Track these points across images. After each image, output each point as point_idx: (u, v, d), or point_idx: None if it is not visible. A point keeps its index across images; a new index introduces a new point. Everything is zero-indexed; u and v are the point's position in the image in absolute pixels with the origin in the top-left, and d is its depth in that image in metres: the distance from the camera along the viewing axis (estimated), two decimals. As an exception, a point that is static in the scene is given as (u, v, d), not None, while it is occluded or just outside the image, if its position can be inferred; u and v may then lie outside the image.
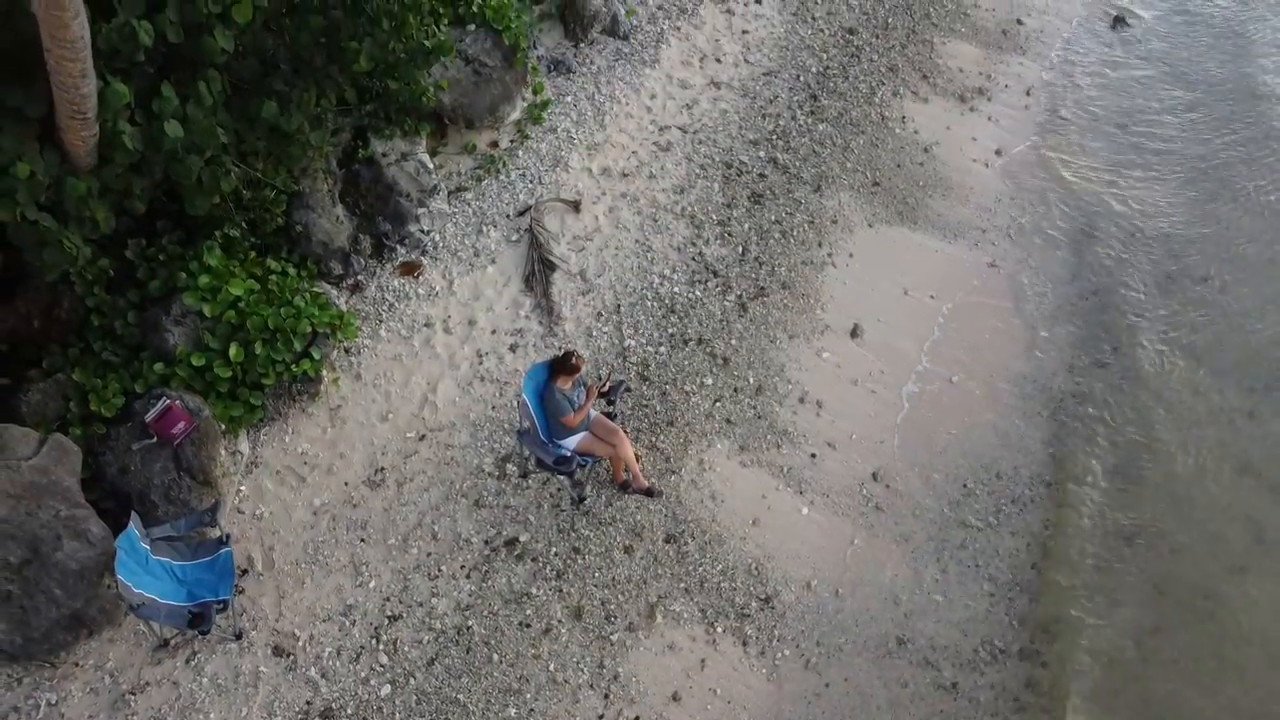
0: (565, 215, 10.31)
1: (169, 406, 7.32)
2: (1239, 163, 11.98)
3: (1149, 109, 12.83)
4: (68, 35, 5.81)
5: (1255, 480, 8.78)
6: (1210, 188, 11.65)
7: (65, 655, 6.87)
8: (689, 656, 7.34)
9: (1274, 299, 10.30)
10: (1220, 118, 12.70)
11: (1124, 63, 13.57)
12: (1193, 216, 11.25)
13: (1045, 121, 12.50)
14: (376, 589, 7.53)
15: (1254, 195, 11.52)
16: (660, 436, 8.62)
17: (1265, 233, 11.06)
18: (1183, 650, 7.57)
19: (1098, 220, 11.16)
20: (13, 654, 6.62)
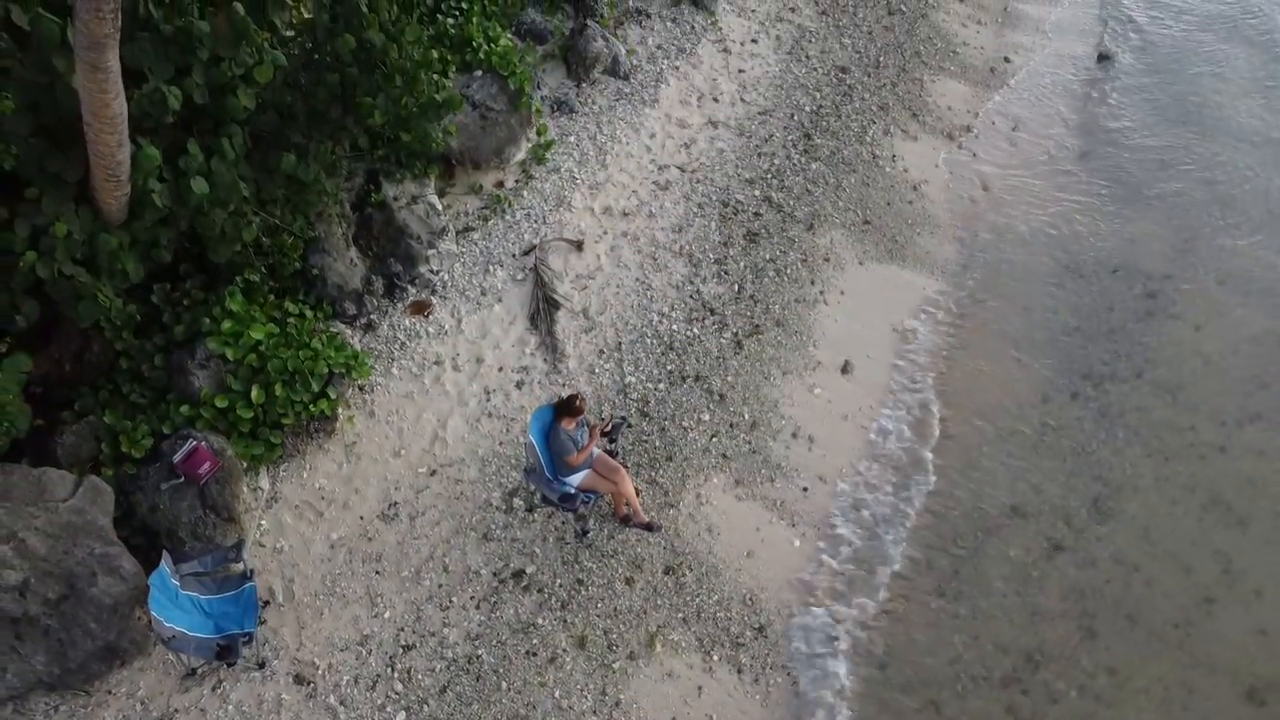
0: (569, 254, 10.76)
1: (195, 448, 7.76)
2: (1214, 203, 12.44)
3: (1133, 146, 13.27)
4: (108, 113, 6.27)
5: (1225, 512, 9.23)
6: (1188, 225, 12.10)
7: (99, 684, 7.28)
8: (687, 684, 7.78)
9: (1247, 337, 10.76)
10: (1200, 156, 13.16)
11: (1109, 100, 14.02)
12: (1171, 254, 11.70)
13: (1031, 158, 12.95)
14: (391, 619, 7.96)
15: (1228, 234, 11.98)
16: (659, 471, 9.07)
17: (1238, 271, 11.51)
18: (1153, 680, 8.02)
19: (1080, 256, 11.61)
20: (51, 684, 7.04)
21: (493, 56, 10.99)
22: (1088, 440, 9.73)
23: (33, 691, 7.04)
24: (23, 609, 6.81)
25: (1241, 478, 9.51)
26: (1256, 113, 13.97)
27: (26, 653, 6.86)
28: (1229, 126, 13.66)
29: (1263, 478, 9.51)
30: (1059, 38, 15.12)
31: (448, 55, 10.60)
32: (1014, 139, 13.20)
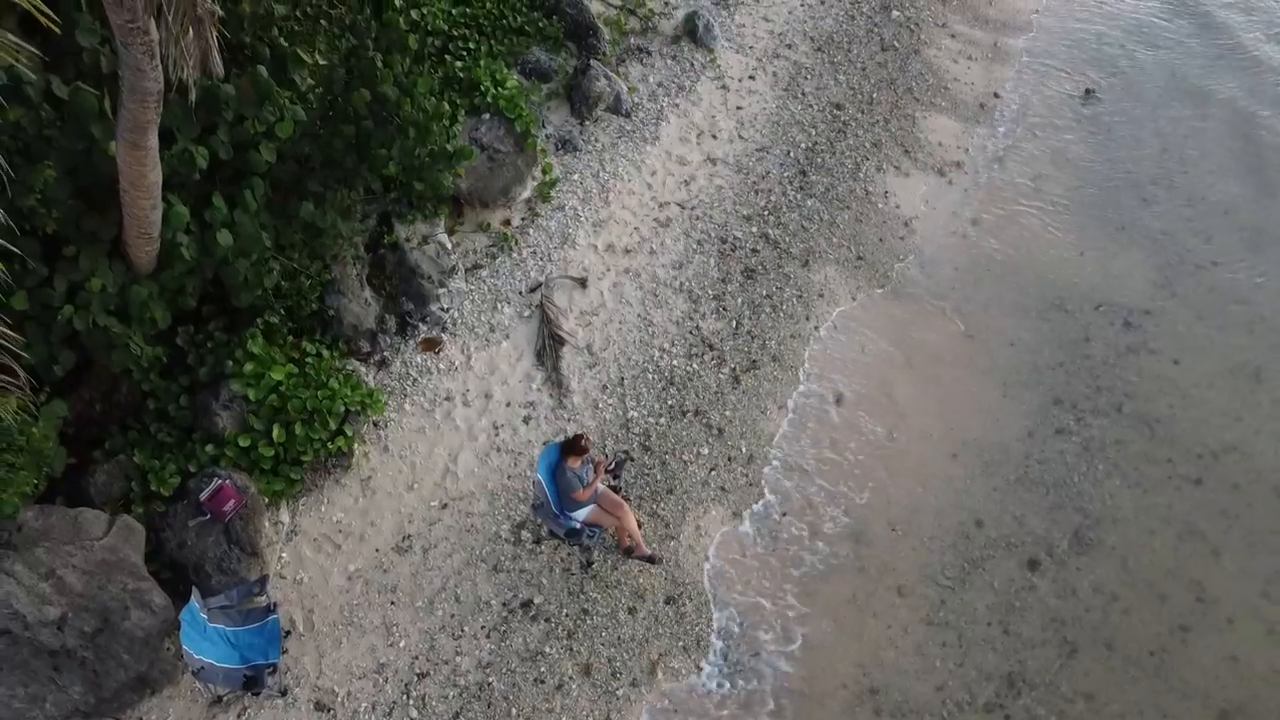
0: (573, 291, 11.17)
1: (221, 486, 8.18)
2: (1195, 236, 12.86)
3: (1116, 181, 13.69)
4: (145, 183, 6.70)
5: (1200, 543, 9.65)
6: (1169, 259, 12.52)
7: (131, 712, 7.69)
8: (687, 708, 8.20)
9: (1223, 370, 11.17)
10: (1182, 190, 13.57)
11: (1094, 135, 14.44)
12: (1151, 289, 12.11)
13: (1019, 194, 13.34)
14: (406, 648, 8.37)
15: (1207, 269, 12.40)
16: (660, 504, 9.48)
17: (1215, 306, 11.93)
18: (1129, 705, 8.44)
19: (1065, 291, 12.01)
20: (86, 712, 7.43)
21: (500, 100, 11.41)
22: (1069, 473, 10.14)
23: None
24: (61, 642, 7.23)
25: (1216, 509, 9.93)
26: (1239, 146, 14.38)
27: (64, 683, 7.27)
28: (1211, 161, 14.08)
29: (1236, 509, 9.93)
30: (1047, 74, 15.51)
31: (457, 100, 11.03)
32: (1002, 174, 13.59)
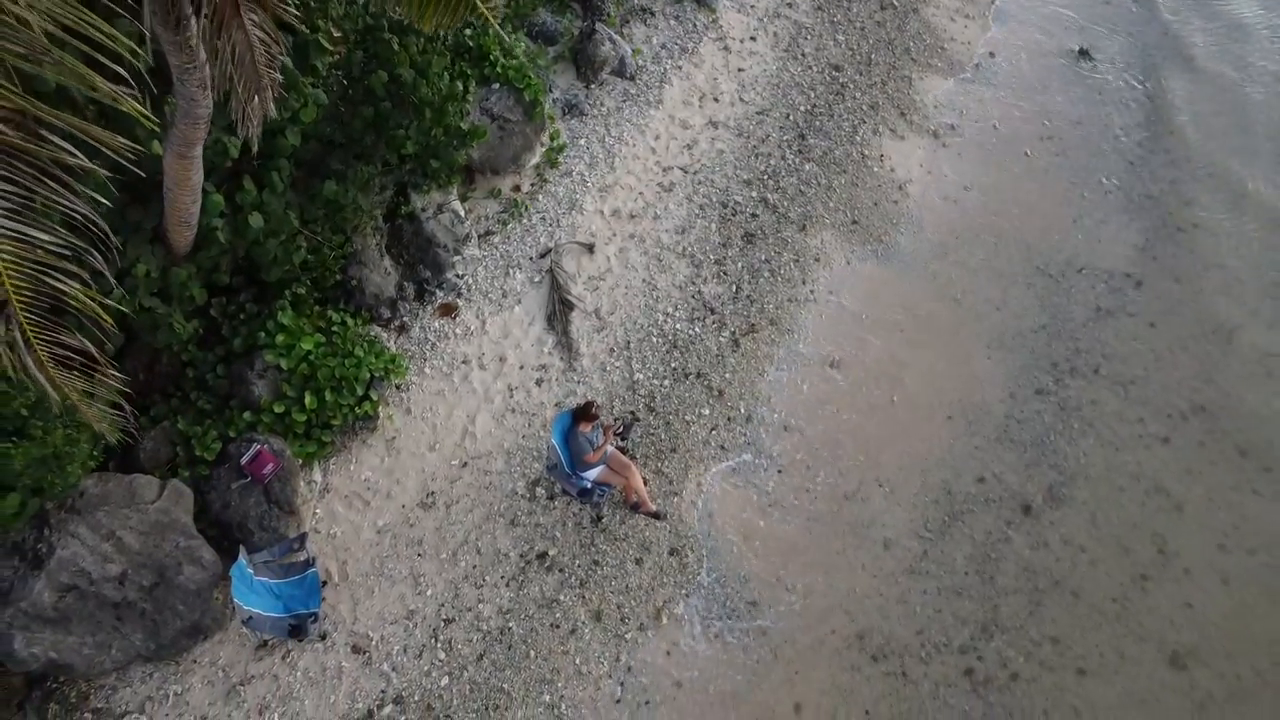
0: (581, 257, 11.64)
1: (259, 451, 8.79)
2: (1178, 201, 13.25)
3: (1106, 145, 14.02)
4: (189, 184, 7.14)
5: (1164, 499, 10.31)
6: (1152, 223, 12.94)
7: (186, 656, 8.43)
8: (688, 652, 8.95)
9: (1196, 334, 11.70)
10: (1169, 153, 13.92)
11: (1086, 97, 14.70)
12: (1133, 253, 12.57)
13: (1010, 157, 13.69)
14: (433, 596, 9.09)
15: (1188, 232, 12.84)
16: (665, 462, 10.12)
17: (1193, 269, 12.41)
18: (1090, 648, 9.20)
19: (1050, 255, 12.48)
20: (147, 656, 8.17)
21: (509, 70, 11.69)
22: (1046, 432, 10.76)
23: (132, 663, 8.18)
24: (122, 595, 7.92)
25: (1181, 467, 10.57)
26: (1228, 109, 14.66)
27: (126, 632, 7.98)
28: (1199, 124, 14.38)
29: (1200, 467, 10.58)
30: (1042, 33, 15.68)
31: (468, 71, 11.31)
32: (995, 136, 13.91)
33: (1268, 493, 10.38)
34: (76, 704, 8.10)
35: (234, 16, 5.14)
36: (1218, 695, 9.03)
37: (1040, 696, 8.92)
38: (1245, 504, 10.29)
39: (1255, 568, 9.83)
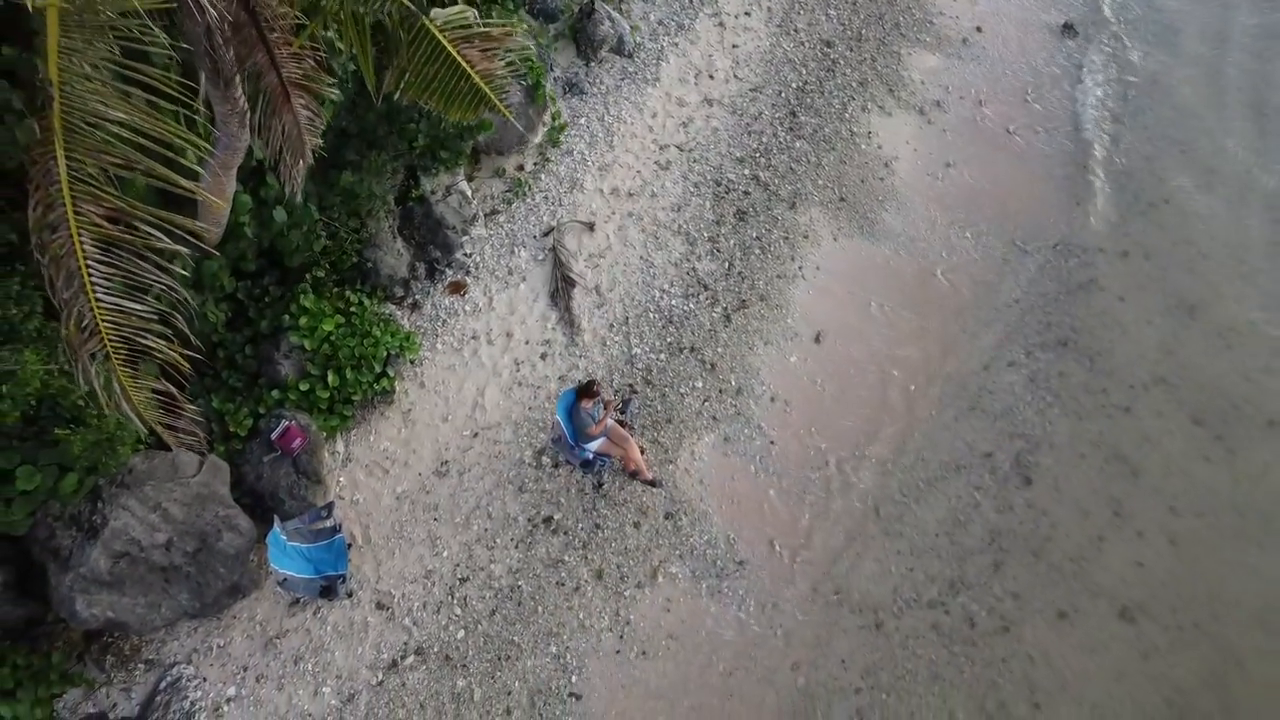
0: (582, 235, 12.17)
1: (288, 427, 9.47)
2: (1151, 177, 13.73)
3: (1086, 120, 14.42)
4: (225, 193, 7.69)
5: (1122, 465, 11.03)
6: (1126, 199, 13.46)
7: (227, 612, 9.22)
8: (682, 607, 9.76)
9: (1161, 308, 12.31)
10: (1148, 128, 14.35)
11: (1069, 73, 15.05)
12: (1106, 228, 13.10)
13: (993, 133, 14.10)
14: (448, 557, 9.86)
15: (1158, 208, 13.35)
16: (661, 432, 10.81)
17: (1162, 244, 12.96)
18: (1047, 603, 10.02)
19: (1027, 230, 13.00)
20: (192, 614, 8.96)
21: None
22: (1016, 402, 11.43)
23: (179, 620, 8.97)
24: (169, 560, 8.66)
25: (1140, 435, 11.27)
26: (1205, 85, 15.03)
27: (174, 592, 8.75)
28: (1175, 98, 14.78)
29: (1157, 435, 11.28)
30: (1029, 8, 15.95)
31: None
32: (979, 113, 14.32)
33: (1217, 459, 11.11)
34: (130, 656, 8.93)
35: (285, 104, 5.72)
36: (1161, 645, 9.87)
37: (1000, 647, 9.76)
38: (1196, 470, 11.03)
39: (1201, 529, 10.60)
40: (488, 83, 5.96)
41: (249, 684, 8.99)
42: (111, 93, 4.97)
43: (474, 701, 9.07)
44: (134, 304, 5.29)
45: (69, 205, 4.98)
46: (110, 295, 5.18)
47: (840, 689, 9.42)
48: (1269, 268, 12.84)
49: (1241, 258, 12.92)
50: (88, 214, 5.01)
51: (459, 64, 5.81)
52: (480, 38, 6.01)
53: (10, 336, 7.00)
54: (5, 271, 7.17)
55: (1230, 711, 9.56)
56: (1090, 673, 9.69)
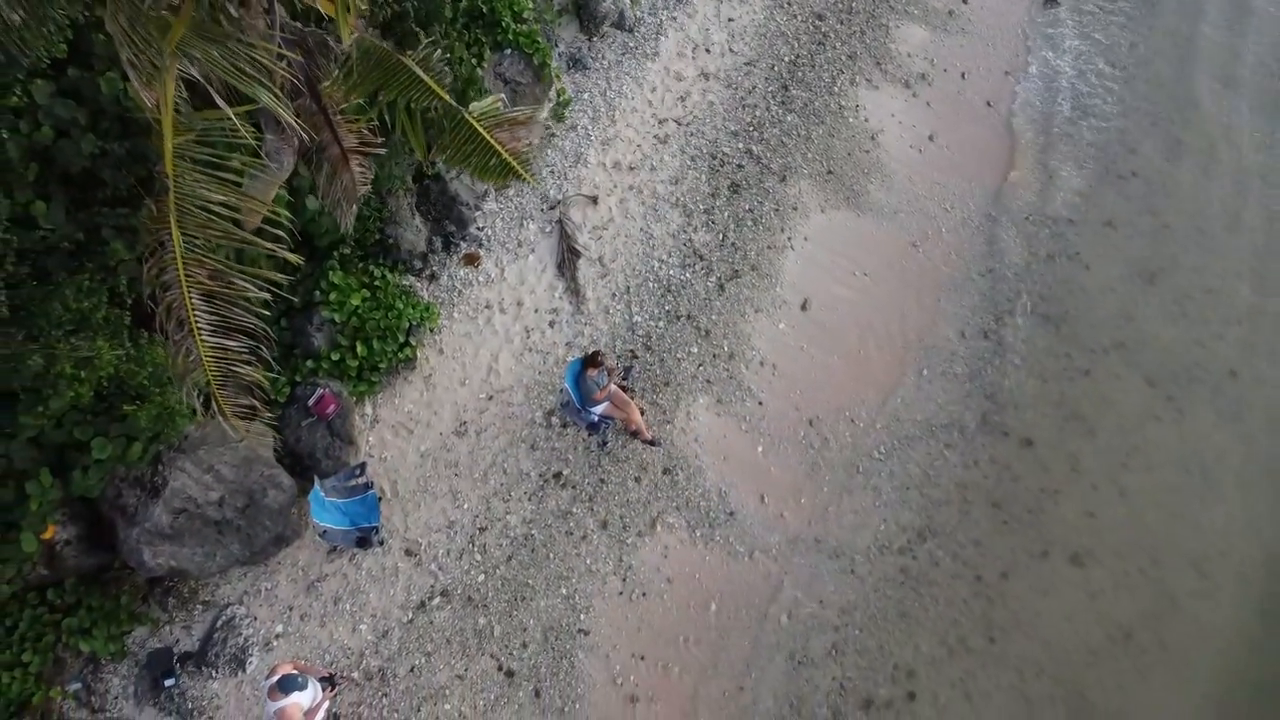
0: (586, 208, 12.81)
1: (322, 394, 10.28)
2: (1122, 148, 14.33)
3: (1063, 92, 14.94)
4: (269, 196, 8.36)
5: (1080, 424, 11.91)
6: (1096, 171, 14.07)
7: (273, 559, 10.14)
8: (678, 554, 10.73)
9: (1123, 276, 13.05)
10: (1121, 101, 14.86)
11: (1049, 44, 15.48)
12: (1077, 199, 13.75)
13: (975, 106, 14.63)
14: (468, 509, 10.76)
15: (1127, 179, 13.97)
16: (659, 395, 11.64)
17: (1127, 215, 13.62)
18: (1005, 549, 10.98)
19: (1003, 203, 13.66)
20: (243, 561, 9.89)
21: (519, 36, 12.57)
22: (984, 366, 12.24)
23: (231, 567, 9.90)
24: (221, 515, 9.56)
25: (1098, 396, 12.13)
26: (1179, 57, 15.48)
27: (226, 543, 9.66)
28: (1149, 71, 15.26)
29: (1114, 396, 12.14)
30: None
31: (483, 39, 12.20)
32: (962, 86, 14.81)
33: (1167, 418, 12.00)
34: (189, 598, 9.89)
35: (344, 167, 6.52)
36: (1106, 588, 10.89)
37: (962, 588, 10.77)
38: (1147, 428, 11.92)
39: (1149, 483, 11.54)
40: (515, 158, 6.80)
41: (294, 621, 9.97)
42: (212, 180, 5.84)
43: (494, 637, 10.08)
44: (230, 341, 6.15)
45: (180, 269, 5.87)
46: (213, 336, 6.05)
47: (819, 625, 10.44)
48: (1226, 237, 13.54)
49: (1201, 228, 13.61)
50: (195, 275, 5.90)
51: (491, 145, 6.66)
52: (509, 123, 6.90)
53: (83, 326, 7.74)
54: (75, 267, 7.90)
55: (1165, 646, 10.63)
56: (1042, 611, 10.72)
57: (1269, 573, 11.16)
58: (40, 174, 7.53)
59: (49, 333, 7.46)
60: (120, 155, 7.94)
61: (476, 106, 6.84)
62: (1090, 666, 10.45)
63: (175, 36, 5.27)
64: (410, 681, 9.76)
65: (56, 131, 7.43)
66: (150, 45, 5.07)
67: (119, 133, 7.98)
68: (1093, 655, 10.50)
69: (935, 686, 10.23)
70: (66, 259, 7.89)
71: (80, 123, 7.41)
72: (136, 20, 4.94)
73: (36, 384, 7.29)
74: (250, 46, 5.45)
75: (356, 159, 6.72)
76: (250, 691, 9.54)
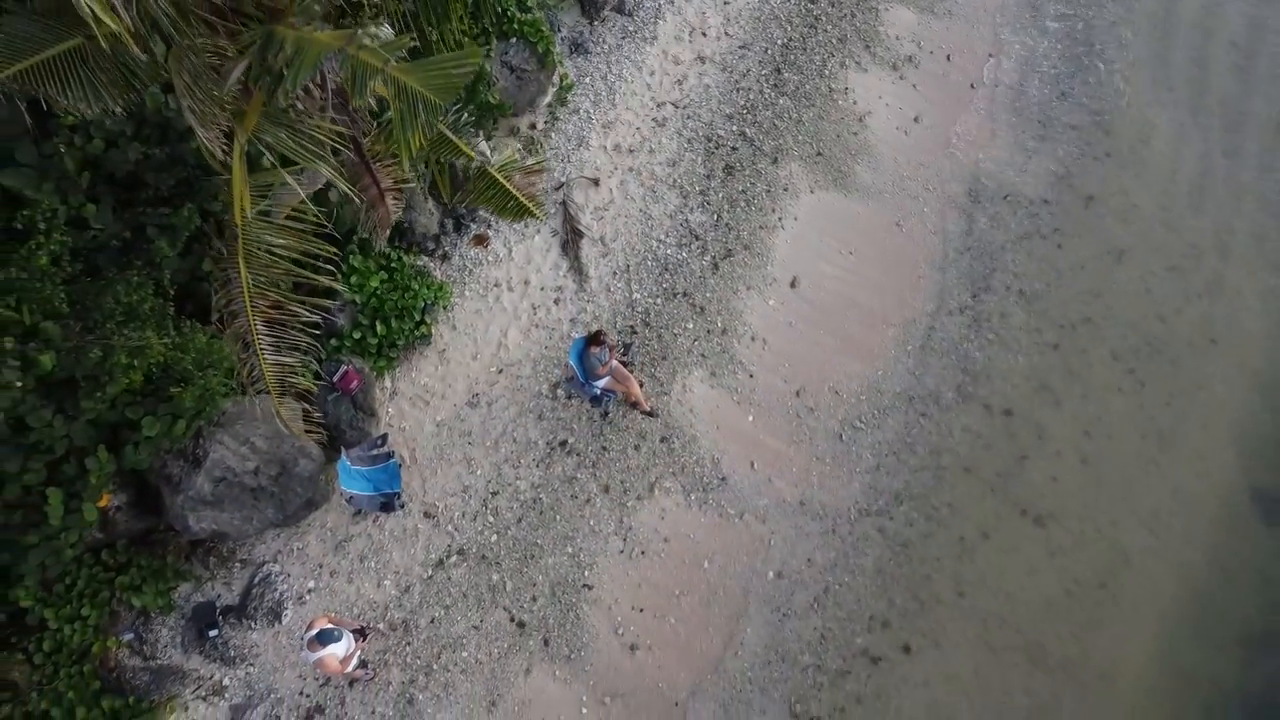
0: (588, 189, 13.31)
1: (346, 370, 10.93)
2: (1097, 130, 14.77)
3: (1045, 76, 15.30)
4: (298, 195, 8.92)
5: (1047, 394, 12.59)
6: (1072, 154, 14.53)
7: (303, 522, 10.87)
8: (674, 516, 11.49)
9: (1094, 255, 13.61)
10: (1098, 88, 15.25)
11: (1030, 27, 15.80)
12: (1053, 180, 14.23)
13: (958, 88, 15.00)
14: (481, 475, 11.48)
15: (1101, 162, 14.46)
16: (657, 368, 12.28)
17: (1101, 195, 14.13)
18: (974, 511, 11.75)
19: (983, 184, 14.14)
20: (276, 524, 10.61)
21: (524, 26, 12.95)
22: (960, 340, 12.88)
23: (266, 529, 10.63)
24: (257, 482, 10.27)
25: (1065, 369, 12.79)
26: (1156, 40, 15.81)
27: (261, 508, 10.38)
28: (1129, 54, 15.58)
29: (1079, 369, 12.80)
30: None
31: (490, 29, 12.60)
32: (947, 69, 15.16)
33: (1129, 390, 12.69)
34: (228, 557, 10.66)
35: (381, 203, 7.14)
36: (1066, 546, 11.69)
37: (934, 546, 11.57)
38: (1110, 399, 12.62)
39: (1109, 450, 12.28)
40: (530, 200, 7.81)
41: (324, 578, 10.76)
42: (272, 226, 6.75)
43: (506, 591, 10.88)
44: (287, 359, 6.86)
45: (247, 301, 6.58)
46: (275, 355, 6.76)
47: (802, 581, 11.26)
48: (1191, 216, 14.09)
49: (1168, 206, 14.15)
50: (260, 306, 6.61)
51: (509, 190, 7.39)
52: (523, 171, 7.85)
53: (132, 317, 8.36)
54: (124, 263, 8.50)
55: (1117, 599, 11.47)
56: (1006, 567, 11.54)
57: (1214, 530, 11.96)
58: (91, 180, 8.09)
59: (103, 325, 8.07)
60: (161, 159, 8.47)
61: (497, 159, 7.63)
62: (1049, 618, 11.30)
63: (250, 124, 5.96)
64: (431, 632, 10.58)
65: (106, 142, 7.97)
66: (219, 120, 5.70)
67: (159, 138, 8.51)
68: (1051, 607, 11.35)
69: (908, 636, 11.09)
70: (115, 256, 8.48)
71: (127, 134, 7.94)
72: (209, 101, 5.55)
73: (95, 372, 7.93)
74: (311, 126, 6.10)
75: (391, 194, 7.36)
76: (286, 640, 10.36)
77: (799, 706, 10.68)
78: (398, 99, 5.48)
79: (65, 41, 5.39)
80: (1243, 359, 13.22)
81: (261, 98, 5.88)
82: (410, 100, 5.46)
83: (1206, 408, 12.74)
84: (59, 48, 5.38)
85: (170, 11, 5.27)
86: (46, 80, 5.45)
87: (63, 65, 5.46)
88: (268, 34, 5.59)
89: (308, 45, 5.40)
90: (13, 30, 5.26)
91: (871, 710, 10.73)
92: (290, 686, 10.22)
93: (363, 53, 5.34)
